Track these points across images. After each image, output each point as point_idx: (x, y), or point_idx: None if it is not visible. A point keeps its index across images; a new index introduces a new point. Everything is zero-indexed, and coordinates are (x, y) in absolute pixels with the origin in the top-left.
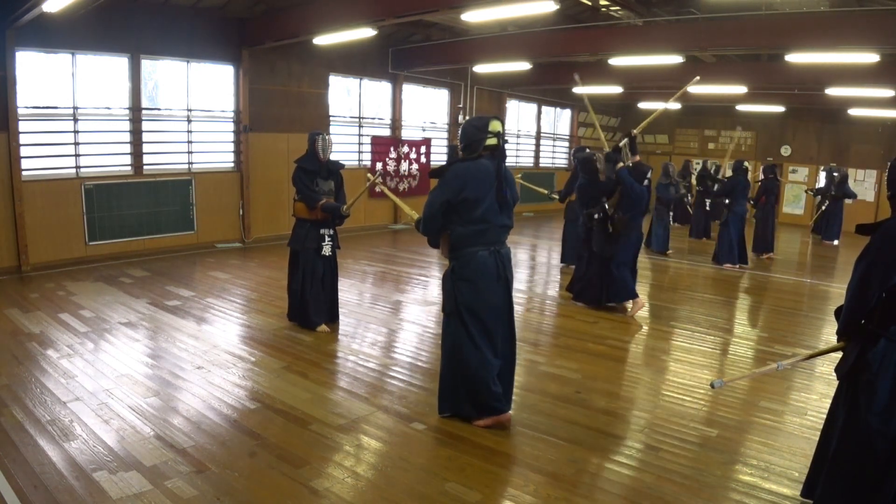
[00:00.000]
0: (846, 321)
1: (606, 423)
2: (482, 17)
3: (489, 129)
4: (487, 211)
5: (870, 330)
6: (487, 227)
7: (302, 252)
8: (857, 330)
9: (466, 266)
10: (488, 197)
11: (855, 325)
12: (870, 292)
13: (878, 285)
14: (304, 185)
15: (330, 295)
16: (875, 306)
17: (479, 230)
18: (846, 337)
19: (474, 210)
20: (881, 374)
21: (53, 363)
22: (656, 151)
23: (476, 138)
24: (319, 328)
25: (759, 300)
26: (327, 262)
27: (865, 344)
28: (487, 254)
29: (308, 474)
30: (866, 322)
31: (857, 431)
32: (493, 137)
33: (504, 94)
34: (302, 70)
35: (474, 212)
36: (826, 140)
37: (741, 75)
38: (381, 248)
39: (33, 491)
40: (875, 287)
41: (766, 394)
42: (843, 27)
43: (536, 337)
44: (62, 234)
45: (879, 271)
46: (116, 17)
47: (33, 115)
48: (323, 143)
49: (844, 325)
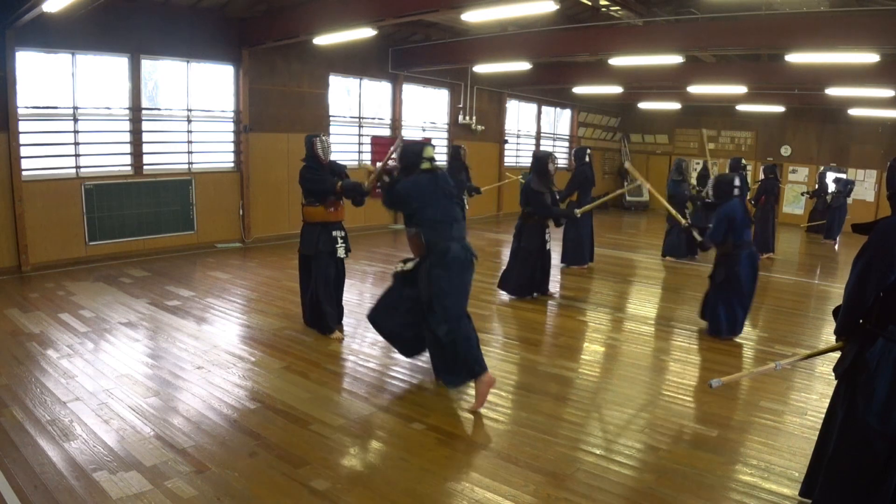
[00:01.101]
0: (844, 320)
1: (606, 423)
2: (482, 17)
3: (423, 154)
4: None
5: (867, 329)
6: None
7: (315, 256)
8: (855, 329)
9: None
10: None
11: (853, 325)
12: (867, 291)
13: (875, 284)
14: (315, 175)
15: (339, 298)
16: (872, 305)
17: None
18: (844, 336)
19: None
20: (879, 374)
21: (53, 363)
22: (656, 151)
23: (413, 161)
24: (334, 335)
25: (760, 300)
26: (340, 264)
27: (863, 343)
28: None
29: (308, 474)
30: (864, 321)
31: (855, 431)
32: (426, 162)
33: (504, 94)
34: (302, 70)
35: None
36: (826, 140)
37: (741, 75)
38: (381, 248)
39: (33, 491)
40: (872, 286)
41: (766, 394)
42: (843, 27)
43: (536, 337)
44: (62, 234)
45: (876, 270)
46: (116, 17)
47: (33, 115)
48: (322, 144)
49: (842, 324)
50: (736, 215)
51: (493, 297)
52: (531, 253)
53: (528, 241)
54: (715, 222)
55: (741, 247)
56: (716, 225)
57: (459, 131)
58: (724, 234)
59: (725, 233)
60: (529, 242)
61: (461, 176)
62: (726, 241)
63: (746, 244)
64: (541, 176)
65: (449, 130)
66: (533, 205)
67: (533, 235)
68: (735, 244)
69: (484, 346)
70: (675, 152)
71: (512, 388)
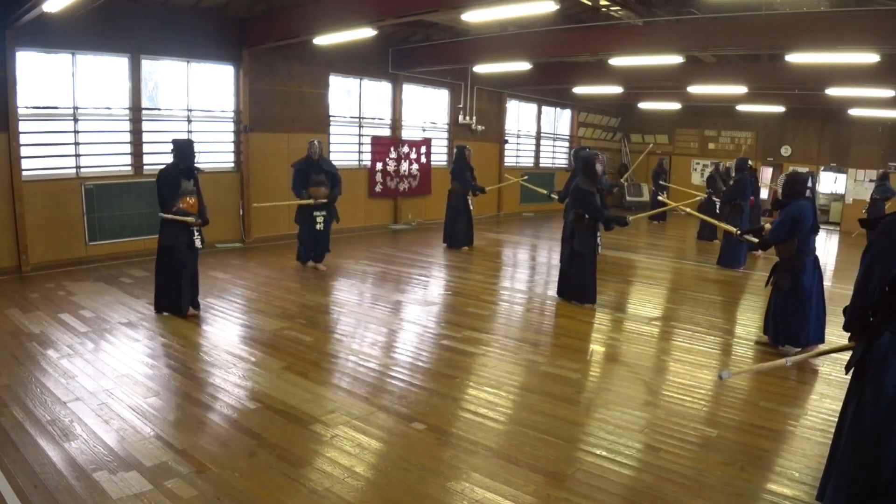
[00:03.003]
0: (852, 315)
1: (606, 424)
2: (482, 17)
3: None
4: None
5: (875, 324)
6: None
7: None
8: (863, 324)
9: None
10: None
11: (860, 319)
12: (871, 285)
13: (879, 278)
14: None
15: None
16: (879, 300)
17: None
18: (853, 331)
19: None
20: (886, 369)
21: (53, 363)
22: (656, 152)
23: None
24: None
25: (760, 300)
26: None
27: (871, 338)
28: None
29: (308, 474)
30: (872, 316)
31: (864, 428)
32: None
33: (504, 94)
34: (302, 70)
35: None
36: (826, 140)
37: (741, 75)
38: (381, 248)
39: (33, 491)
40: (876, 279)
41: (766, 394)
42: (843, 27)
43: (536, 337)
44: (62, 234)
45: (880, 264)
46: (116, 17)
47: (33, 115)
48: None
49: (850, 318)
50: (804, 217)
51: (493, 297)
52: (585, 257)
53: (581, 245)
54: (779, 221)
55: (806, 253)
56: (779, 223)
57: (459, 131)
58: (787, 234)
59: (789, 234)
60: (582, 245)
61: (466, 175)
62: (789, 243)
63: (811, 251)
64: (589, 176)
65: (449, 130)
66: (585, 206)
67: (586, 238)
68: (800, 249)
69: (484, 346)
70: (675, 152)
71: (512, 388)
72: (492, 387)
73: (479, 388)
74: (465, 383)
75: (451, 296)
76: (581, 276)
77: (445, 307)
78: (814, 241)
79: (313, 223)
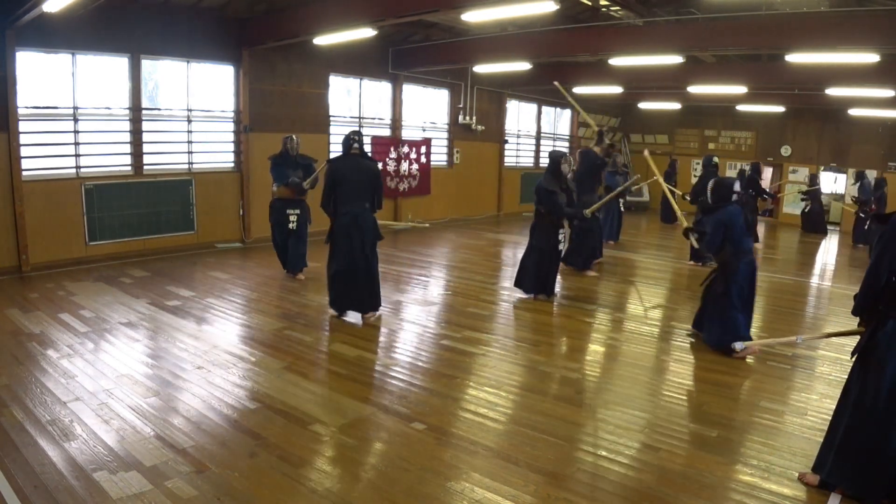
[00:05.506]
0: (860, 301)
1: (606, 424)
2: (482, 17)
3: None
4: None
5: (881, 311)
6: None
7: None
8: (871, 310)
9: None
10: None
11: (868, 305)
12: (880, 273)
13: (887, 266)
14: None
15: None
16: (885, 288)
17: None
18: (861, 316)
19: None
20: (889, 355)
21: (53, 363)
22: (656, 152)
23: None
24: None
25: (759, 300)
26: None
27: (877, 325)
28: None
29: (308, 474)
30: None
31: (866, 410)
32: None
33: (504, 94)
34: (302, 70)
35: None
36: (826, 140)
37: (741, 75)
38: (381, 248)
39: (33, 491)
40: (885, 268)
41: (766, 394)
42: (843, 27)
43: (536, 337)
44: (62, 234)
45: (889, 254)
46: (116, 17)
47: (33, 115)
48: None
49: (859, 304)
50: (734, 222)
51: (493, 298)
52: (542, 252)
53: (538, 240)
54: (711, 229)
55: (739, 256)
56: (712, 232)
57: (459, 131)
58: (721, 241)
59: (723, 240)
60: (540, 241)
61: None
62: (724, 248)
63: (745, 253)
64: (554, 175)
65: (449, 130)
66: (546, 204)
67: (544, 235)
68: (733, 253)
69: (484, 346)
70: (675, 152)
71: (512, 388)
72: (492, 387)
73: (479, 388)
74: (465, 383)
75: (451, 296)
76: (537, 269)
77: (445, 307)
78: (748, 243)
79: (286, 222)
